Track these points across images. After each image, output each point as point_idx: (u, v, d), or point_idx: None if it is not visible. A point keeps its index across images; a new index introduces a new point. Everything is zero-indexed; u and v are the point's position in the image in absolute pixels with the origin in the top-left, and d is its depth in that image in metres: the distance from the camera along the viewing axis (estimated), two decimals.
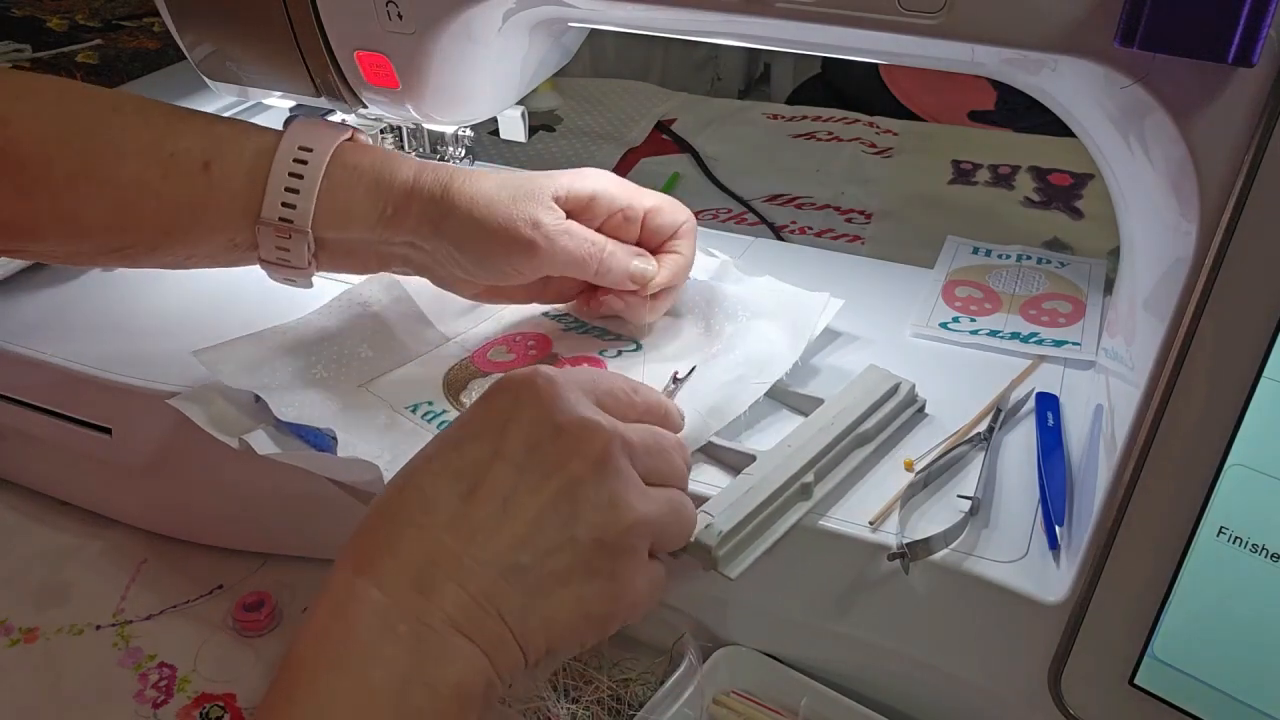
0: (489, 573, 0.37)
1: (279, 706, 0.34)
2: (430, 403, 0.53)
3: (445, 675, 0.35)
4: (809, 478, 0.47)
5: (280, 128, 0.52)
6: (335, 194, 0.51)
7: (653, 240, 0.56)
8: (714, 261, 0.63)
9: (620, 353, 0.57)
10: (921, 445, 0.51)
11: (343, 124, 0.54)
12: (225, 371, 0.53)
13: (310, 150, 0.50)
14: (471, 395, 0.54)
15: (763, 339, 0.56)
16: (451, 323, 0.60)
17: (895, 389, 0.52)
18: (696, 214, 0.89)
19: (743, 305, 0.58)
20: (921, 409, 0.53)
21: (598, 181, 0.54)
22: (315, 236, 0.51)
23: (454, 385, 0.55)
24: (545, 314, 0.61)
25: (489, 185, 0.52)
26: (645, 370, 0.55)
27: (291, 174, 0.50)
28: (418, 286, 0.59)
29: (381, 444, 0.50)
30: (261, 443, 0.50)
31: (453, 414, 0.53)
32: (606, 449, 0.39)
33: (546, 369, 0.41)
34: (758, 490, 0.45)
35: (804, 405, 0.53)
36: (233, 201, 0.50)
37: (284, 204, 0.50)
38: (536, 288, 0.57)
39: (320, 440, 0.51)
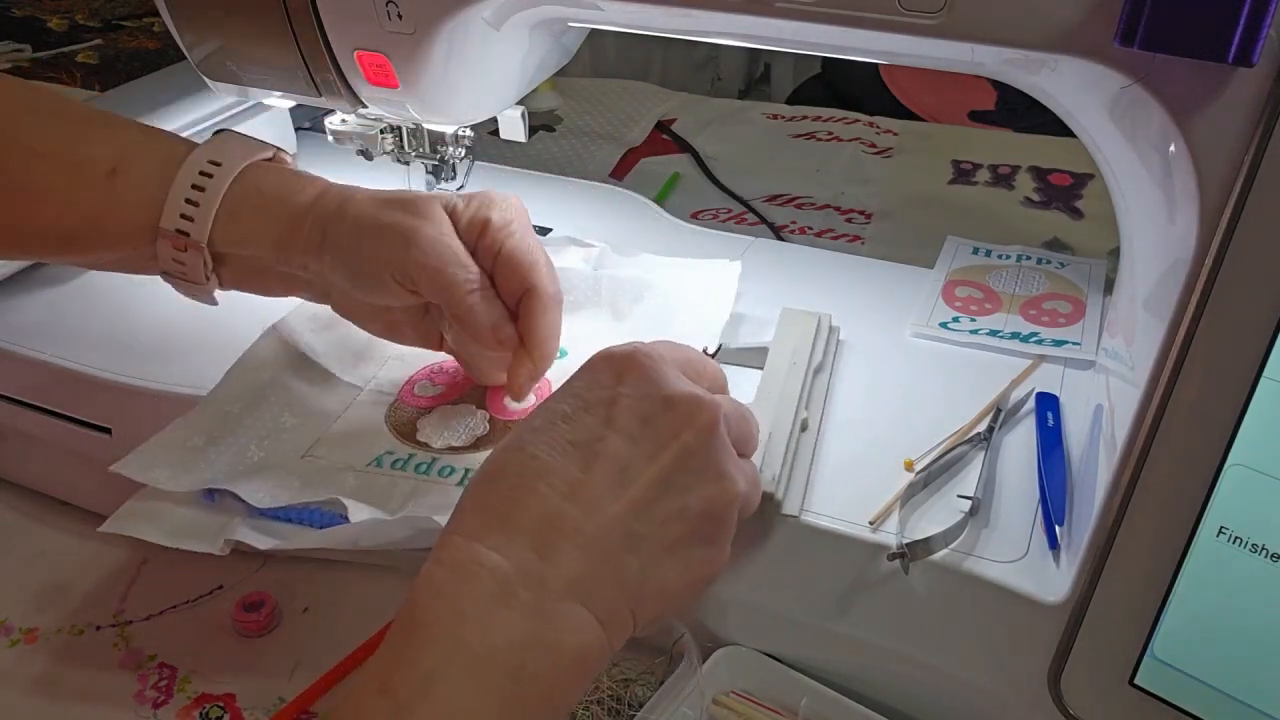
0: (610, 540, 0.37)
1: (396, 661, 0.34)
2: (390, 451, 0.52)
3: (563, 642, 0.35)
4: (804, 413, 0.52)
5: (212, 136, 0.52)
6: (235, 211, 0.50)
7: (503, 284, 0.51)
8: (592, 250, 0.64)
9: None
10: (897, 438, 0.51)
11: (266, 144, 0.53)
12: (161, 477, 0.49)
13: (218, 165, 0.50)
14: (427, 434, 0.53)
15: (689, 311, 0.59)
16: (354, 371, 0.57)
17: (819, 323, 0.58)
18: (696, 214, 0.90)
19: (643, 285, 0.61)
20: (838, 333, 0.60)
21: (496, 207, 0.51)
22: (214, 252, 0.50)
23: (402, 429, 0.54)
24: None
25: (383, 196, 0.51)
26: None
27: (194, 186, 0.50)
28: (311, 341, 0.58)
29: (371, 503, 0.49)
30: (254, 538, 0.48)
31: (420, 455, 0.52)
32: (713, 421, 0.40)
33: (641, 344, 0.42)
34: (776, 436, 0.49)
35: (747, 358, 0.57)
36: (134, 212, 0.50)
37: (182, 215, 0.49)
38: (426, 327, 0.55)
39: (310, 517, 0.49)
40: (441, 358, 0.58)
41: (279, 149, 0.54)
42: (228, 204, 0.50)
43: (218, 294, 0.54)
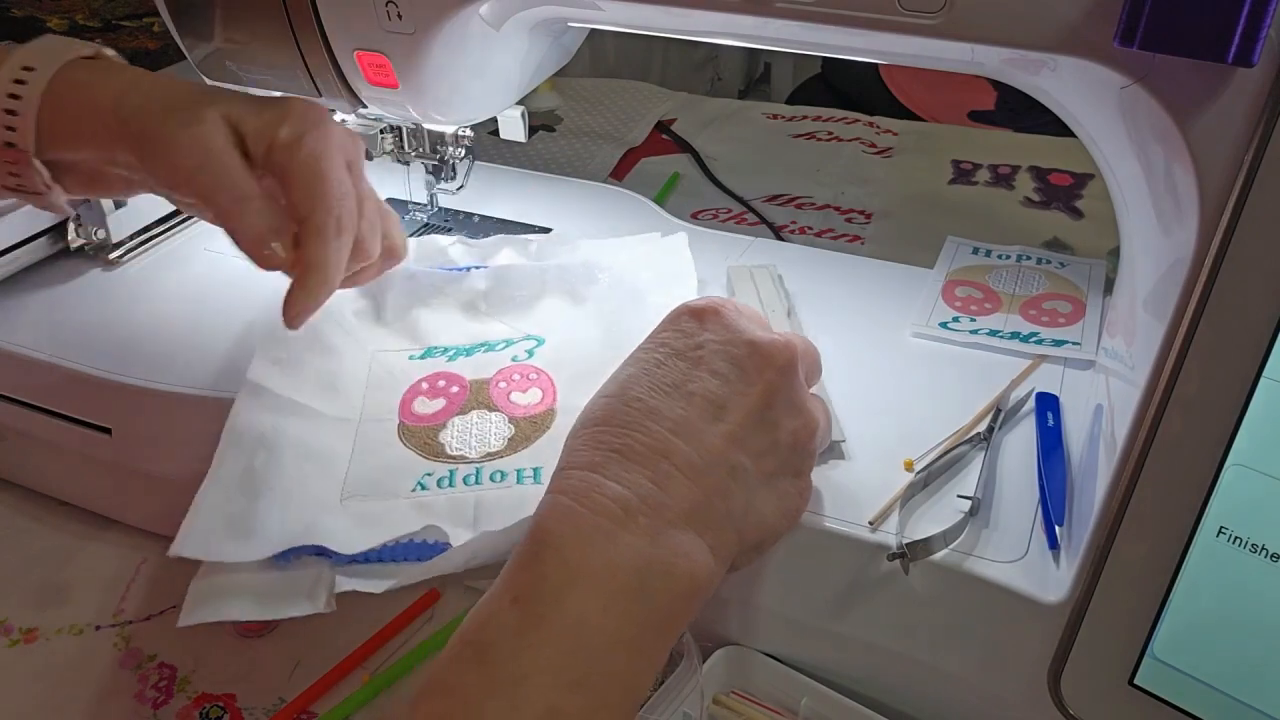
0: (718, 472, 0.40)
1: (527, 576, 0.37)
2: (429, 473, 0.51)
3: (678, 565, 0.38)
4: None
5: None
6: (54, 117, 0.48)
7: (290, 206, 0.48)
8: (530, 245, 0.65)
9: (531, 352, 0.58)
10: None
11: (87, 43, 0.51)
12: (229, 550, 0.46)
13: (32, 70, 0.48)
14: (458, 447, 0.52)
15: (657, 285, 0.60)
16: (335, 404, 0.54)
17: (770, 272, 0.63)
18: (696, 214, 0.90)
19: (594, 268, 0.62)
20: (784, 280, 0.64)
21: (288, 122, 0.48)
22: (45, 160, 0.49)
23: (426, 448, 0.52)
24: (411, 358, 0.58)
25: (173, 95, 0.48)
26: (563, 359, 0.57)
27: (10, 95, 0.48)
28: (281, 385, 0.54)
29: (442, 523, 0.48)
30: (363, 584, 0.46)
31: (462, 468, 0.51)
32: (792, 361, 0.43)
33: (715, 298, 0.45)
34: None
35: None
36: None
37: (7, 126, 0.48)
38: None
39: (408, 551, 0.48)
40: (417, 374, 0.56)
41: (101, 47, 0.52)
42: (47, 110, 0.48)
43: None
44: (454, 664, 0.35)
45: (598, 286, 0.61)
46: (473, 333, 0.60)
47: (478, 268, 0.63)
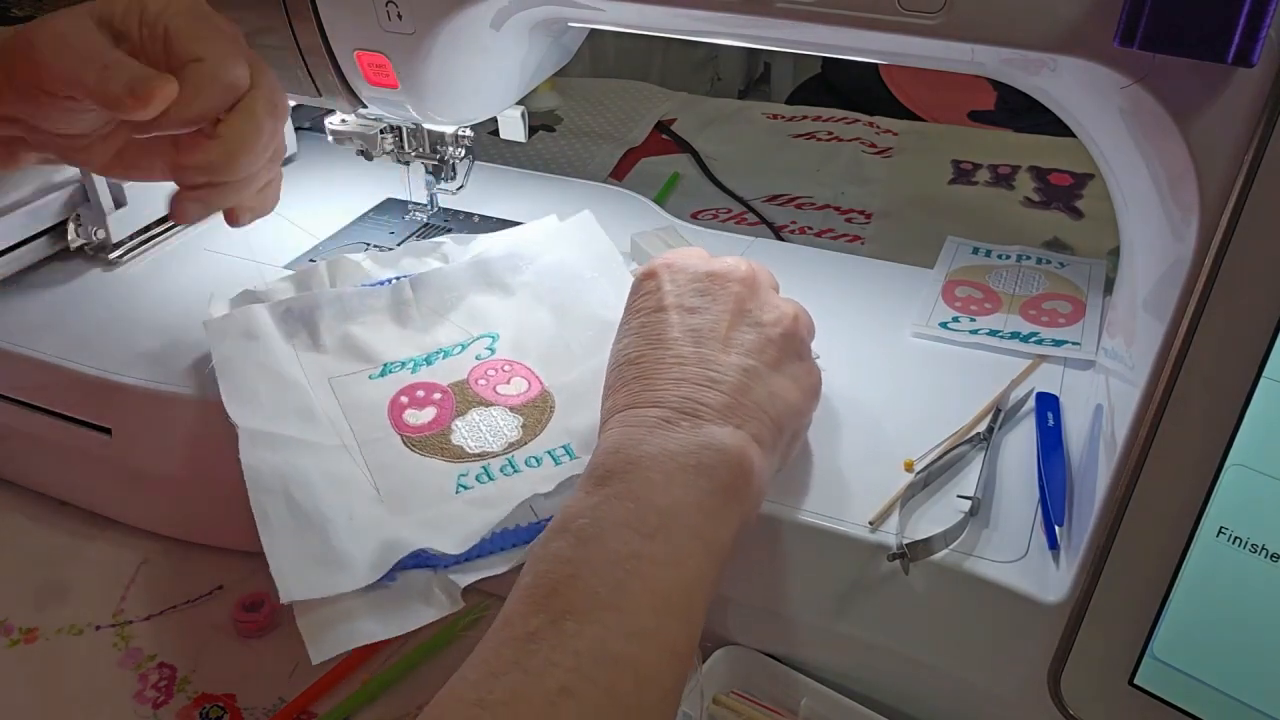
0: (734, 377, 0.44)
1: (595, 471, 0.41)
2: (463, 473, 0.51)
3: (728, 444, 0.42)
4: None
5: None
6: None
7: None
8: (439, 246, 0.65)
9: (491, 349, 0.59)
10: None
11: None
12: (333, 583, 0.45)
13: None
14: (468, 444, 0.53)
15: (585, 262, 0.61)
16: (317, 431, 0.53)
17: (677, 231, 0.68)
18: (696, 214, 0.90)
19: (515, 257, 0.62)
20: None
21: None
22: None
23: (445, 451, 0.52)
24: (371, 378, 0.56)
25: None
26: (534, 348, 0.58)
27: None
28: (265, 424, 0.52)
29: (519, 500, 0.48)
30: (483, 572, 0.47)
31: (493, 461, 0.52)
32: (749, 271, 0.48)
33: (661, 255, 0.50)
34: None
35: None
36: None
37: None
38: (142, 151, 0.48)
39: (513, 538, 0.49)
40: (390, 390, 0.56)
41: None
42: None
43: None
44: (545, 535, 0.40)
45: (524, 275, 0.61)
46: (421, 343, 0.59)
47: (397, 278, 0.61)
